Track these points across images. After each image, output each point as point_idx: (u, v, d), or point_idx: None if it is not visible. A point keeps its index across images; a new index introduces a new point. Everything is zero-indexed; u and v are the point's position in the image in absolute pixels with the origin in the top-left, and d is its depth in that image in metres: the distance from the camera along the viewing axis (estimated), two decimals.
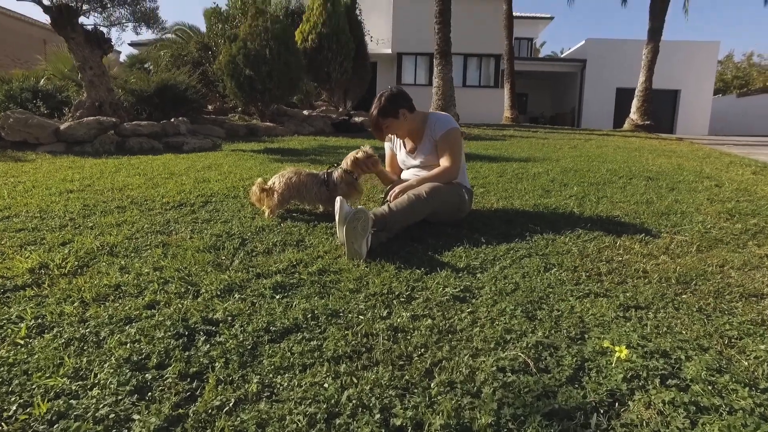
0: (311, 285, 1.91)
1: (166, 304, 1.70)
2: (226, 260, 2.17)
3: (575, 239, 2.48)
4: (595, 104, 21.10)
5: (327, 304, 1.72)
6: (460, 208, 2.80)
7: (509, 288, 1.85)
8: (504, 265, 2.12)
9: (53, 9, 6.69)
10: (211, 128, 8.91)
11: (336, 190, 2.86)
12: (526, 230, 2.62)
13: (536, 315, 1.63)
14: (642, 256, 2.25)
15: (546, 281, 1.92)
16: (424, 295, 1.80)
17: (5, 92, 8.25)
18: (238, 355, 1.37)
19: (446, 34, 12.26)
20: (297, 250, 2.32)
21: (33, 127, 6.11)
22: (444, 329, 1.54)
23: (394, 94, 2.78)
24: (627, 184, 4.07)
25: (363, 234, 2.17)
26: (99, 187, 3.72)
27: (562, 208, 3.19)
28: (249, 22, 9.77)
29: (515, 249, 2.32)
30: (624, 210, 3.14)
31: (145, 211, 3.01)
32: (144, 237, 2.47)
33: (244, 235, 2.54)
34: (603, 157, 6.00)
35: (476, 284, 1.90)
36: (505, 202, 3.34)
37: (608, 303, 1.71)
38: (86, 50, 6.99)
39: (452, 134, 2.77)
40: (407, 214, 2.48)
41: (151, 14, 7.64)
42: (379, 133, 2.85)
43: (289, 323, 1.57)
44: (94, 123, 6.33)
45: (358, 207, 2.20)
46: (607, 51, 20.81)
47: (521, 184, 4.00)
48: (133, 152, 6.20)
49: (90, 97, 7.17)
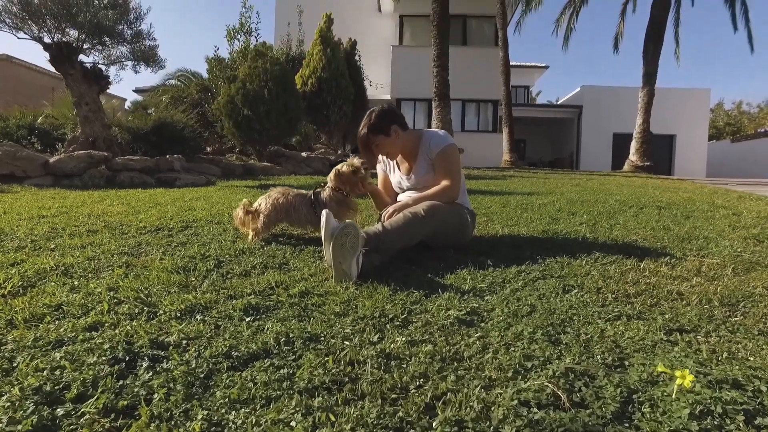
0: (290, 307, 1.62)
1: (112, 326, 1.40)
2: (195, 281, 1.89)
3: (593, 262, 2.20)
4: (593, 149, 21.26)
5: (305, 327, 1.43)
6: (463, 230, 2.54)
7: (524, 310, 1.56)
8: (516, 287, 1.83)
9: (53, 46, 6.69)
10: (207, 167, 8.77)
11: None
12: (536, 254, 2.34)
13: (560, 339, 1.33)
14: (671, 278, 1.97)
15: (567, 303, 1.63)
16: (424, 319, 1.51)
17: (1, 129, 8.17)
18: (185, 386, 1.07)
19: (444, 77, 12.46)
20: (279, 273, 2.04)
21: (21, 160, 5.93)
22: (448, 356, 1.25)
23: (386, 110, 2.57)
24: (638, 213, 3.83)
25: (352, 252, 1.90)
26: (75, 213, 3.47)
27: (573, 234, 2.93)
28: (249, 64, 9.88)
29: (527, 271, 2.04)
30: (641, 235, 2.87)
31: (118, 234, 2.74)
32: (108, 258, 2.20)
33: (221, 257, 2.27)
34: (608, 191, 5.79)
35: (485, 307, 1.61)
36: (511, 229, 3.08)
37: (646, 326, 1.42)
38: (83, 86, 6.94)
39: (449, 151, 2.55)
40: (403, 234, 2.21)
41: (150, 53, 7.67)
42: (369, 153, 2.60)
43: (256, 348, 1.27)
44: (84, 156, 6.17)
45: (346, 221, 1.94)
46: (602, 97, 21.20)
47: (527, 214, 3.75)
48: (123, 186, 5.99)
49: (84, 133, 7.06)
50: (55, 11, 6.42)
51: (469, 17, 19.65)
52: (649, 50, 13.42)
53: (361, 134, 2.53)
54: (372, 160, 2.69)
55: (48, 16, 6.50)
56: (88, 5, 6.63)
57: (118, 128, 8.35)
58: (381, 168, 2.86)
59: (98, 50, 7.44)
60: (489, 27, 19.44)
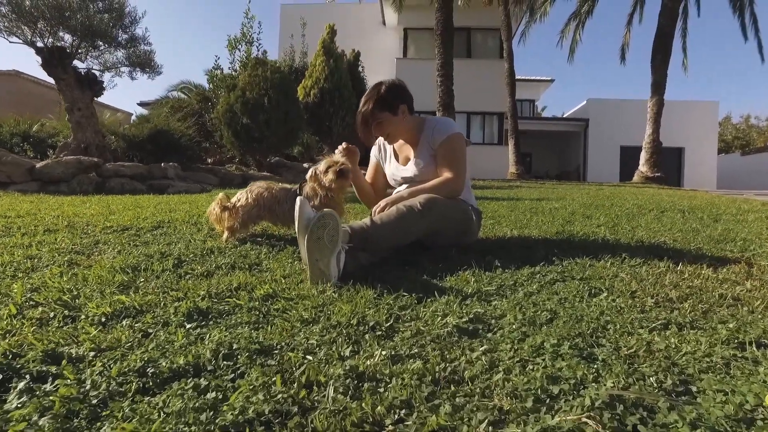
0: (247, 313, 1.29)
1: (4, 335, 1.08)
2: (142, 282, 1.57)
3: (619, 263, 1.86)
4: (600, 162, 20.92)
5: (257, 337, 1.10)
6: (467, 228, 2.21)
7: (543, 317, 1.22)
8: (530, 290, 1.50)
9: (45, 50, 6.50)
10: (205, 176, 8.51)
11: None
12: (552, 254, 2.00)
13: (594, 354, 0.99)
14: (718, 281, 1.62)
15: (596, 308, 1.29)
16: (414, 328, 1.18)
17: None
18: (61, 419, 0.74)
19: (448, 87, 12.26)
20: (246, 274, 1.72)
21: (6, 165, 5.68)
22: (442, 377, 0.91)
23: (397, 84, 2.23)
24: (660, 216, 3.48)
25: (331, 248, 1.57)
26: (43, 215, 3.17)
27: (591, 235, 2.58)
28: (249, 72, 9.69)
29: (542, 273, 1.70)
30: (669, 237, 2.53)
31: (79, 234, 2.44)
32: (51, 257, 1.88)
33: (184, 256, 1.95)
34: (622, 197, 5.44)
35: (492, 313, 1.27)
36: (521, 231, 2.75)
37: (706, 337, 1.07)
38: (76, 91, 6.74)
39: (454, 140, 2.23)
40: (395, 230, 1.88)
41: (146, 58, 7.48)
42: (367, 132, 2.25)
43: (184, 363, 0.94)
44: (73, 162, 5.91)
45: (324, 210, 1.61)
46: (608, 110, 20.93)
47: (537, 217, 3.41)
48: (113, 193, 5.72)
49: (76, 139, 6.84)
50: (47, 15, 6.25)
51: (474, 30, 19.56)
52: (657, 59, 13.16)
53: (363, 108, 2.17)
54: (369, 140, 2.33)
55: (40, 19, 6.33)
56: (81, 9, 6.46)
57: (114, 136, 8.14)
58: (374, 154, 2.53)
59: (93, 56, 7.27)
60: (494, 39, 19.32)
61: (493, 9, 17.13)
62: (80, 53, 7.00)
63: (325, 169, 2.23)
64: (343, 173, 2.20)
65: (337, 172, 2.19)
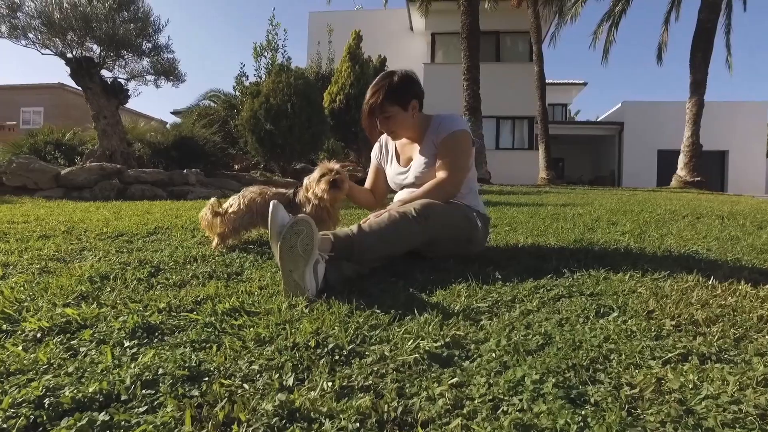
0: (201, 329, 1.15)
1: None
2: (107, 292, 1.46)
3: (639, 276, 1.63)
4: (636, 166, 20.09)
5: (196, 359, 0.96)
6: (471, 237, 2.01)
7: (534, 342, 1.03)
8: (528, 308, 1.30)
9: (73, 61, 6.68)
10: (228, 182, 8.56)
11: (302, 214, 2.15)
12: (564, 265, 1.78)
13: (586, 394, 0.80)
14: (758, 300, 1.37)
15: (601, 332, 1.08)
16: (379, 352, 1.01)
17: (30, 145, 8.27)
18: None
19: (475, 90, 12.00)
20: (222, 284, 1.59)
21: (34, 172, 5.84)
22: (391, 417, 0.74)
23: (411, 76, 2.05)
24: (695, 222, 3.17)
25: (305, 258, 1.42)
26: (49, 221, 3.16)
27: (613, 243, 2.34)
28: (272, 78, 9.74)
29: (547, 287, 1.50)
30: (703, 246, 2.25)
31: (72, 240, 2.38)
32: (30, 264, 1.81)
33: (164, 264, 1.84)
34: (655, 202, 5.08)
35: (474, 336, 1.09)
36: (536, 239, 2.52)
37: (737, 376, 0.86)
38: (102, 100, 6.89)
39: (458, 136, 2.04)
40: (386, 239, 1.70)
41: (170, 66, 7.60)
42: (372, 125, 2.07)
43: (94, 391, 0.81)
44: (96, 169, 6.03)
45: (298, 216, 1.46)
46: (644, 113, 20.10)
47: (558, 224, 3.17)
48: (134, 199, 5.78)
49: (102, 146, 6.99)
50: (75, 26, 6.42)
51: (503, 33, 19.24)
52: (696, 57, 12.50)
53: (371, 99, 1.98)
54: (373, 134, 2.15)
55: (69, 31, 6.51)
56: (107, 19, 6.61)
57: (140, 143, 8.30)
58: (375, 155, 2.36)
59: (120, 65, 7.43)
60: (523, 42, 18.93)
61: (522, 11, 16.77)
62: (107, 63, 7.17)
63: (319, 177, 2.08)
64: (336, 184, 2.04)
65: (330, 182, 2.04)
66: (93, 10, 6.52)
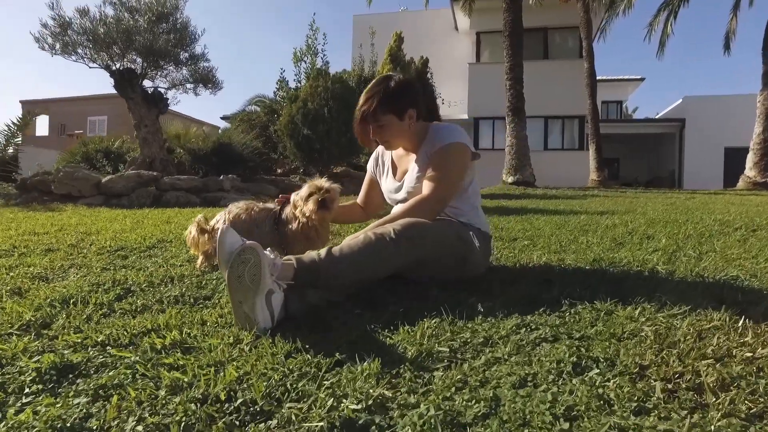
0: (119, 371, 1.04)
1: None
2: (58, 320, 1.40)
3: (652, 312, 1.37)
4: (699, 165, 18.67)
5: (87, 415, 0.85)
6: (465, 259, 1.80)
7: (474, 411, 0.83)
8: (497, 355, 1.10)
9: (116, 72, 6.99)
10: (265, 186, 8.68)
11: (288, 231, 2.03)
12: (567, 295, 1.55)
13: None
14: None
15: (567, 398, 0.87)
16: (289, 414, 0.85)
17: (82, 154, 8.79)
18: None
19: (518, 90, 11.55)
20: (182, 311, 1.49)
21: (78, 181, 6.14)
22: None
23: (409, 83, 1.88)
24: (747, 237, 2.77)
25: (254, 288, 1.28)
26: (68, 231, 3.25)
27: (638, 264, 2.05)
28: (310, 83, 9.81)
29: (532, 326, 1.28)
30: (747, 270, 1.92)
31: (73, 254, 2.39)
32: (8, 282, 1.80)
33: (137, 285, 1.77)
34: (709, 210, 4.58)
35: (404, 399, 0.90)
36: (551, 257, 2.27)
37: None
38: (143, 109, 7.17)
39: (451, 150, 1.84)
40: (358, 264, 1.53)
41: (208, 75, 7.80)
42: (365, 134, 1.89)
43: None
44: (133, 177, 6.25)
45: (246, 243, 1.32)
46: (709, 108, 18.66)
47: (584, 237, 2.87)
48: (168, 205, 5.95)
49: (143, 154, 7.27)
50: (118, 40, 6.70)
51: (551, 29, 18.49)
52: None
53: (364, 106, 1.83)
54: (366, 143, 1.96)
55: (113, 44, 6.81)
56: (147, 31, 6.86)
57: (181, 149, 8.58)
58: (370, 168, 2.21)
59: (162, 74, 7.71)
60: (573, 38, 18.11)
61: (571, 6, 16.01)
62: (149, 73, 7.45)
63: (307, 195, 1.96)
64: (324, 204, 1.92)
65: (318, 202, 1.91)
66: (134, 24, 6.79)
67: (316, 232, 2.03)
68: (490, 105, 18.37)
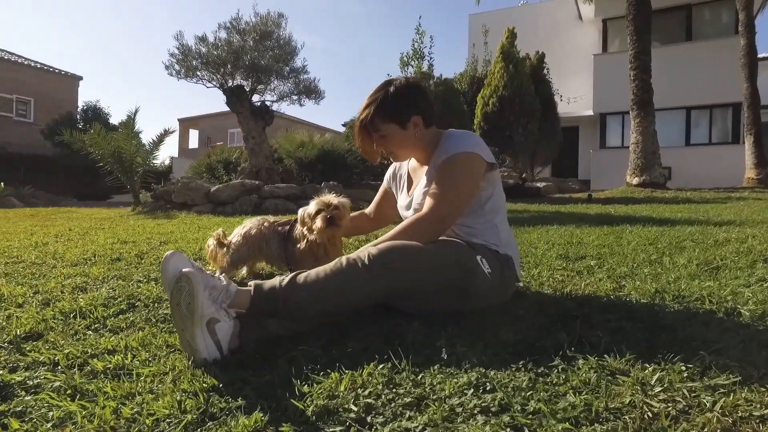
0: (41, 396, 1.06)
1: None
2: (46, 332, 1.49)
3: (681, 378, 1.00)
4: None
5: None
6: (467, 287, 1.52)
7: None
8: (407, 426, 0.87)
9: (227, 90, 7.71)
10: (366, 193, 8.85)
11: (296, 250, 1.96)
12: (579, 341, 1.22)
13: None
14: None
15: None
16: None
17: (206, 165, 9.88)
18: None
19: (645, 80, 10.24)
20: (150, 332, 1.50)
21: (191, 190, 6.88)
22: None
23: (411, 87, 1.70)
24: None
25: (190, 317, 1.21)
26: (142, 237, 3.61)
27: (716, 301, 1.57)
28: None
29: (487, 385, 1.01)
30: None
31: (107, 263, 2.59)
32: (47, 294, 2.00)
33: (143, 301, 1.84)
34: None
35: None
36: (606, 285, 1.86)
37: None
38: (251, 122, 7.79)
39: (456, 161, 1.60)
40: (322, 293, 1.36)
41: (311, 86, 8.21)
42: (368, 144, 1.75)
43: None
44: (237, 186, 6.81)
45: (182, 271, 1.25)
46: None
47: (675, 258, 2.33)
48: (267, 212, 6.38)
49: (251, 164, 7.90)
50: (227, 60, 7.39)
51: (696, 5, 16.02)
52: None
53: (362, 115, 1.69)
54: (371, 155, 1.82)
55: (223, 66, 7.53)
56: (253, 50, 7.46)
57: (289, 158, 9.16)
58: (388, 178, 2.04)
59: (270, 89, 8.31)
60: (728, 12, 15.47)
61: None
62: (258, 88, 8.08)
63: (315, 212, 1.88)
64: (332, 221, 1.84)
65: (326, 219, 1.83)
66: (243, 44, 7.42)
67: (325, 250, 1.94)
68: (619, 98, 16.43)
